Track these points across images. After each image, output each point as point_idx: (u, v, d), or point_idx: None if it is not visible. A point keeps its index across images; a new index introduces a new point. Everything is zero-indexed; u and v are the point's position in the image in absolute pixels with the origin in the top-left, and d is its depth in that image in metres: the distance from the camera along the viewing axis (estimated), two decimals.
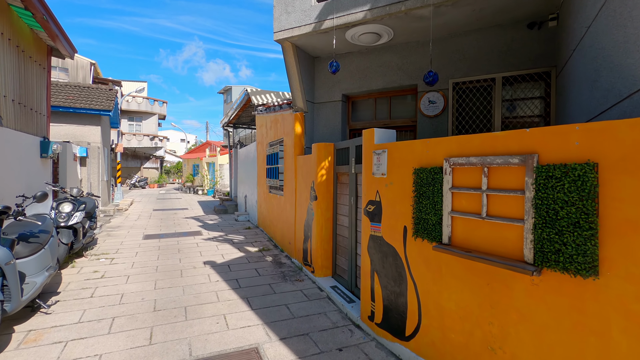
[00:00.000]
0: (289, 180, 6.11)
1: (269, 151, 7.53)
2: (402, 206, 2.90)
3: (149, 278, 4.86)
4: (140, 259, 5.85)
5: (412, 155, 2.80)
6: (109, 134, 14.60)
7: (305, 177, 5.26)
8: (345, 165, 4.37)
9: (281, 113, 6.53)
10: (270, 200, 7.54)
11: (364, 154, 3.42)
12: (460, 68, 4.85)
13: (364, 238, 3.44)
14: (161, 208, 13.66)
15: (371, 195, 3.29)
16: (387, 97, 5.67)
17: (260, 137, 8.33)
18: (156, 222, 9.87)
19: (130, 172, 31.51)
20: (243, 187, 11.35)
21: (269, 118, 7.52)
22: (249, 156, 10.08)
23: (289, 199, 6.09)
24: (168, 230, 8.62)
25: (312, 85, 6.02)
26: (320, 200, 4.77)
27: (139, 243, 7.03)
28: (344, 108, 5.92)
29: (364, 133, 3.43)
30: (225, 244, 7.01)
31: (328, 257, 4.82)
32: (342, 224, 4.56)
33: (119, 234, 8.05)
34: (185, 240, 7.33)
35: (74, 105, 10.90)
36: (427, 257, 2.65)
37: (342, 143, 4.44)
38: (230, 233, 8.26)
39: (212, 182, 21.75)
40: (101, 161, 11.87)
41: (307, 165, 5.19)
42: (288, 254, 6.15)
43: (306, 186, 5.23)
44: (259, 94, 8.98)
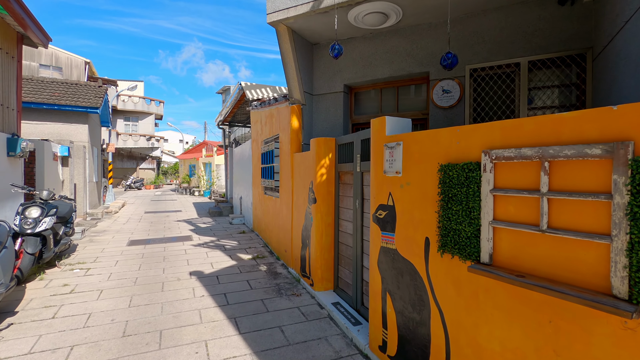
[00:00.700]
0: (285, 180, 5.52)
1: (263, 149, 6.94)
2: (423, 212, 2.30)
3: (125, 293, 4.25)
4: (119, 269, 5.25)
5: (437, 147, 2.20)
6: (99, 133, 13.99)
7: (303, 177, 4.67)
8: (348, 163, 3.77)
9: (276, 107, 5.94)
10: (265, 203, 6.94)
11: (373, 148, 2.82)
12: (479, 52, 4.26)
13: (372, 249, 2.85)
14: (153, 210, 13.06)
15: (382, 199, 2.70)
16: (394, 88, 5.08)
17: (255, 135, 7.74)
18: (145, 226, 9.27)
19: (126, 173, 30.91)
20: (238, 188, 10.76)
21: (263, 113, 6.93)
22: (244, 155, 9.49)
23: (285, 201, 5.50)
24: (156, 234, 8.02)
25: (310, 75, 5.43)
26: (320, 203, 4.17)
27: (122, 250, 6.43)
28: (346, 100, 5.33)
29: (373, 123, 2.83)
30: (216, 251, 6.41)
31: (329, 269, 4.22)
32: (345, 230, 3.96)
33: (102, 239, 7.44)
34: (173, 247, 6.73)
35: (59, 102, 10.30)
36: (458, 278, 2.05)
37: (345, 137, 3.85)
38: (223, 238, 7.66)
39: (208, 183, 21.15)
40: (89, 161, 11.26)
41: (305, 164, 4.60)
42: (284, 263, 5.55)
43: (304, 187, 4.64)
44: (253, 89, 8.39)
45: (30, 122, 10.32)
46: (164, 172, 39.82)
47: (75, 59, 28.49)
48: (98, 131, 13.79)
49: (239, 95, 8.72)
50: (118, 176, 30.41)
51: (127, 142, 30.53)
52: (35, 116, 10.39)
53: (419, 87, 4.92)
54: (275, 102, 5.86)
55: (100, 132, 14.35)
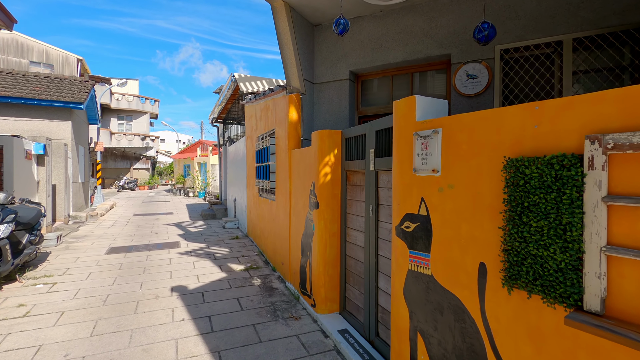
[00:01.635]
0: (282, 181, 4.83)
1: (258, 146, 6.25)
2: (476, 228, 1.63)
3: (90, 316, 3.55)
4: (90, 283, 4.54)
5: (500, 135, 1.53)
6: (86, 131, 13.25)
7: (303, 178, 3.99)
8: (359, 161, 3.09)
9: (272, 98, 5.25)
10: (260, 206, 6.25)
11: (397, 138, 2.14)
12: (512, 30, 3.59)
13: (396, 272, 2.17)
14: (143, 213, 12.33)
15: (410, 206, 2.02)
16: (407, 74, 4.41)
17: (250, 131, 7.05)
18: (131, 230, 8.55)
19: (119, 173, 30.12)
20: (232, 190, 10.06)
21: (258, 106, 6.24)
22: (238, 154, 8.80)
23: (283, 205, 4.81)
24: (141, 240, 7.31)
25: (311, 61, 4.75)
26: (323, 208, 3.49)
27: (99, 259, 5.72)
28: (352, 89, 4.66)
29: (398, 105, 2.16)
30: (204, 260, 5.71)
31: (334, 287, 3.54)
32: (354, 242, 3.28)
33: (80, 246, 6.73)
34: (157, 255, 6.03)
35: (39, 97, 9.57)
36: (540, 329, 1.37)
37: (355, 129, 3.17)
38: (214, 244, 6.96)
39: (203, 183, 20.43)
40: (72, 160, 10.53)
41: (305, 162, 3.92)
42: (281, 275, 4.86)
43: (304, 189, 3.95)
44: (248, 81, 7.70)
45: (7, 118, 9.59)
46: (159, 172, 39.03)
47: (67, 56, 27.74)
48: (85, 129, 13.05)
49: (232, 88, 8.03)
50: (111, 176, 29.63)
51: (120, 142, 29.73)
52: (14, 112, 9.66)
53: (437, 73, 4.24)
54: (271, 93, 5.18)
55: (87, 130, 13.61)
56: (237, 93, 8.55)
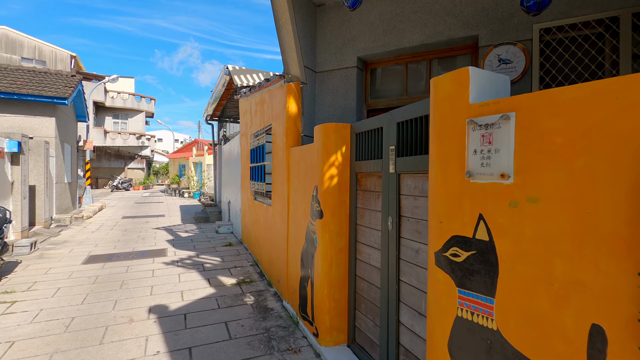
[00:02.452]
0: (279, 184, 4.22)
1: (253, 144, 5.64)
2: (585, 268, 1.02)
3: (45, 348, 2.93)
4: (56, 302, 3.92)
5: (635, 117, 0.92)
6: (74, 129, 12.61)
7: (303, 180, 3.38)
8: (373, 161, 2.49)
9: (268, 89, 4.64)
10: (255, 211, 5.64)
11: (439, 129, 1.53)
12: (554, 4, 3.00)
13: (437, 316, 1.56)
14: (133, 215, 11.69)
15: (460, 226, 1.41)
16: (425, 61, 3.81)
17: (244, 128, 6.43)
18: (116, 235, 7.92)
19: (113, 173, 29.42)
20: (227, 191, 9.44)
21: (253, 100, 5.63)
22: (233, 153, 8.18)
23: (279, 211, 4.20)
24: (125, 247, 6.68)
25: (312, 47, 4.15)
26: (328, 218, 2.88)
27: (73, 271, 5.09)
28: (360, 78, 4.05)
29: (438, 83, 1.55)
30: (192, 272, 5.09)
31: (341, 313, 2.93)
32: (366, 260, 2.67)
33: (56, 254, 6.09)
34: (140, 266, 5.40)
35: (20, 91, 8.93)
36: None
37: (369, 122, 2.57)
38: (205, 252, 6.34)
39: (198, 184, 19.79)
40: (56, 159, 9.89)
41: (306, 162, 3.31)
42: (278, 292, 4.25)
43: (304, 194, 3.34)
44: (243, 74, 7.08)
45: None
46: (155, 172, 38.35)
47: (60, 53, 27.06)
48: (72, 126, 12.40)
49: (226, 82, 7.41)
50: (105, 176, 28.94)
51: (115, 141, 29.04)
52: None
53: (462, 59, 3.64)
54: (267, 83, 4.57)
55: (75, 128, 12.96)
56: (231, 87, 7.94)
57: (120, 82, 33.34)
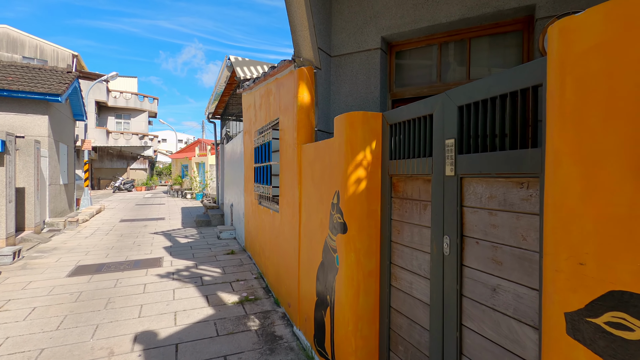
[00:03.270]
0: (288, 187, 3.61)
1: (257, 142, 5.03)
2: None
3: None
4: (26, 328, 3.33)
5: None
6: (70, 128, 12.09)
7: (320, 184, 2.76)
8: (417, 160, 1.87)
9: (275, 78, 4.03)
10: (260, 216, 5.03)
11: (571, 102, 0.91)
12: None
13: None
14: (132, 218, 11.14)
15: (632, 275, 0.78)
16: (463, 40, 3.17)
17: (248, 124, 5.83)
18: (111, 241, 7.35)
19: (115, 173, 29.01)
20: (229, 194, 8.85)
21: (257, 93, 5.02)
22: (235, 153, 7.59)
23: (289, 219, 3.58)
24: (118, 256, 6.11)
25: (327, 26, 3.53)
26: (354, 233, 2.26)
27: (55, 285, 4.51)
28: (384, 63, 3.43)
29: (568, 26, 0.92)
30: (188, 287, 4.49)
31: (370, 354, 2.30)
32: (406, 289, 2.05)
33: (41, 264, 5.53)
34: (131, 279, 4.81)
35: (10, 88, 8.40)
36: None
37: (411, 108, 1.94)
38: (204, 262, 5.74)
39: (201, 185, 19.26)
40: (50, 160, 9.36)
41: (322, 161, 2.69)
42: (287, 313, 3.64)
43: (321, 200, 2.73)
44: (246, 65, 6.48)
45: None
46: (158, 172, 37.96)
47: (62, 52, 26.71)
48: (69, 125, 11.88)
49: (227, 76, 6.81)
50: (107, 177, 28.54)
51: (118, 141, 28.63)
52: None
53: (511, 38, 3.01)
54: (273, 71, 3.95)
55: (72, 127, 12.45)
56: (233, 81, 7.34)
57: (123, 81, 32.99)
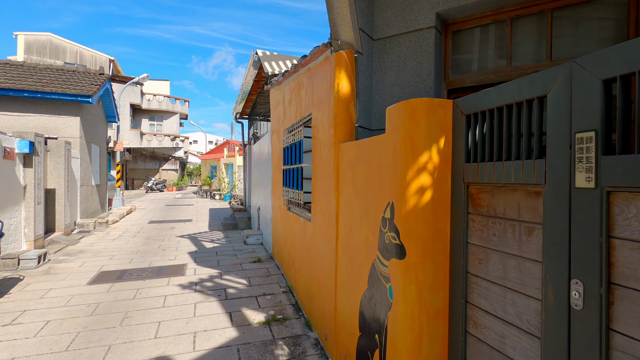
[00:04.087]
0: (322, 193, 3.10)
1: (286, 142, 4.57)
2: None
3: None
4: (33, 346, 3.03)
5: None
6: (103, 129, 12.25)
7: (364, 191, 2.23)
8: (514, 163, 1.29)
9: (307, 68, 3.54)
10: (289, 224, 4.57)
11: None
12: None
13: None
14: (160, 219, 11.08)
15: None
16: (542, 13, 2.54)
17: (276, 122, 5.40)
18: (137, 245, 7.18)
19: (148, 174, 29.83)
20: (256, 196, 8.50)
21: (287, 87, 4.56)
22: (263, 153, 7.20)
23: (323, 231, 3.07)
24: (141, 261, 5.86)
25: (369, 4, 3.00)
26: (415, 259, 1.71)
27: (73, 294, 4.26)
28: (438, 45, 2.85)
29: None
30: (211, 301, 4.10)
31: None
32: (495, 344, 1.47)
33: (65, 268, 5.36)
34: (152, 289, 4.49)
35: (43, 89, 8.49)
36: None
37: (503, 89, 1.37)
38: (229, 271, 5.36)
39: (229, 186, 19.22)
40: (81, 161, 9.42)
41: (369, 163, 2.16)
42: (320, 340, 3.13)
43: (366, 213, 2.19)
44: (274, 60, 6.06)
45: (10, 113, 8.59)
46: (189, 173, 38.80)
47: (99, 57, 27.81)
48: (102, 127, 12.04)
49: (254, 71, 6.43)
50: (140, 177, 29.40)
51: (151, 142, 29.45)
52: (17, 106, 8.65)
53: (606, 8, 2.35)
54: (305, 60, 3.46)
55: (105, 129, 12.63)
56: (261, 78, 6.95)
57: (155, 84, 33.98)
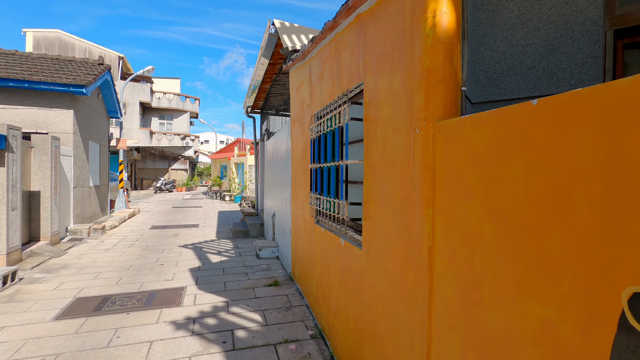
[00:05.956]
0: (390, 208, 1.88)
1: (315, 132, 3.38)
2: None
3: None
4: None
5: None
6: (104, 125, 11.27)
7: (532, 225, 1.01)
8: None
9: (356, 16, 2.34)
10: (319, 243, 3.38)
11: None
12: None
13: None
14: (164, 224, 10.03)
15: None
16: None
17: (298, 109, 4.21)
18: (131, 257, 6.09)
19: (157, 174, 29.06)
20: (271, 200, 7.34)
21: (316, 59, 3.37)
22: (278, 150, 6.04)
23: (394, 270, 1.86)
24: (131, 282, 4.75)
25: None
26: None
27: (28, 337, 3.15)
28: None
29: None
30: (212, 352, 2.93)
31: None
32: None
33: (35, 292, 4.29)
34: (135, 329, 3.36)
35: (30, 78, 7.49)
36: None
37: None
38: (238, 300, 4.19)
39: (240, 186, 18.16)
40: (75, 159, 8.40)
41: (540, 158, 0.94)
42: None
43: (539, 272, 0.98)
44: (295, 33, 4.86)
45: None
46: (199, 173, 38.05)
47: (109, 54, 27.14)
48: (102, 123, 11.06)
49: (270, 49, 5.25)
50: (149, 177, 28.65)
51: (161, 141, 28.73)
52: (3, 99, 7.67)
53: None
54: (352, 2, 2.26)
55: (106, 125, 11.65)
56: (277, 60, 5.77)
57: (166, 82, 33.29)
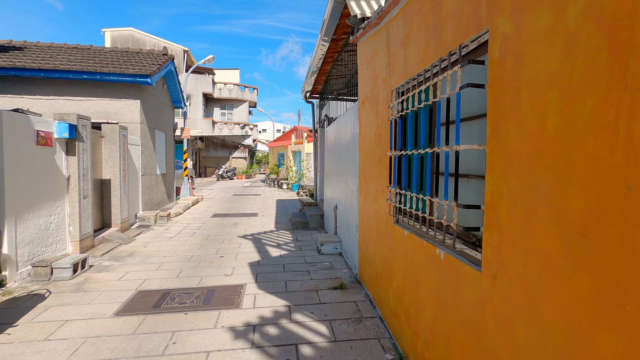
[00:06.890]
0: (551, 223, 1.19)
1: (398, 109, 2.70)
2: None
3: None
4: None
5: None
6: (169, 115, 11.62)
7: None
8: None
9: None
10: (400, 248, 2.74)
11: None
12: None
13: None
14: (224, 213, 10.09)
15: None
16: None
17: (370, 87, 3.55)
18: (192, 247, 6.02)
19: (219, 162, 30.33)
20: (332, 190, 6.81)
21: (398, 19, 2.66)
22: (342, 136, 5.44)
23: (543, 313, 1.17)
24: (191, 276, 4.56)
25: None
26: None
27: (88, 335, 3.00)
28: None
29: None
30: None
31: None
32: None
33: (101, 282, 4.27)
34: (192, 334, 3.06)
35: (102, 70, 7.75)
36: None
37: None
38: (301, 304, 3.74)
39: (297, 175, 18.01)
40: (143, 148, 8.66)
41: None
42: None
43: None
44: None
45: (72, 98, 8.03)
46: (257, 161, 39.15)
47: (175, 48, 28.60)
48: (167, 112, 11.40)
49: (335, 18, 4.62)
50: (212, 165, 30.03)
51: (222, 131, 29.90)
52: (79, 91, 8.07)
53: None
54: None
55: (171, 115, 12.03)
56: (342, 33, 5.12)
57: (226, 73, 34.34)
